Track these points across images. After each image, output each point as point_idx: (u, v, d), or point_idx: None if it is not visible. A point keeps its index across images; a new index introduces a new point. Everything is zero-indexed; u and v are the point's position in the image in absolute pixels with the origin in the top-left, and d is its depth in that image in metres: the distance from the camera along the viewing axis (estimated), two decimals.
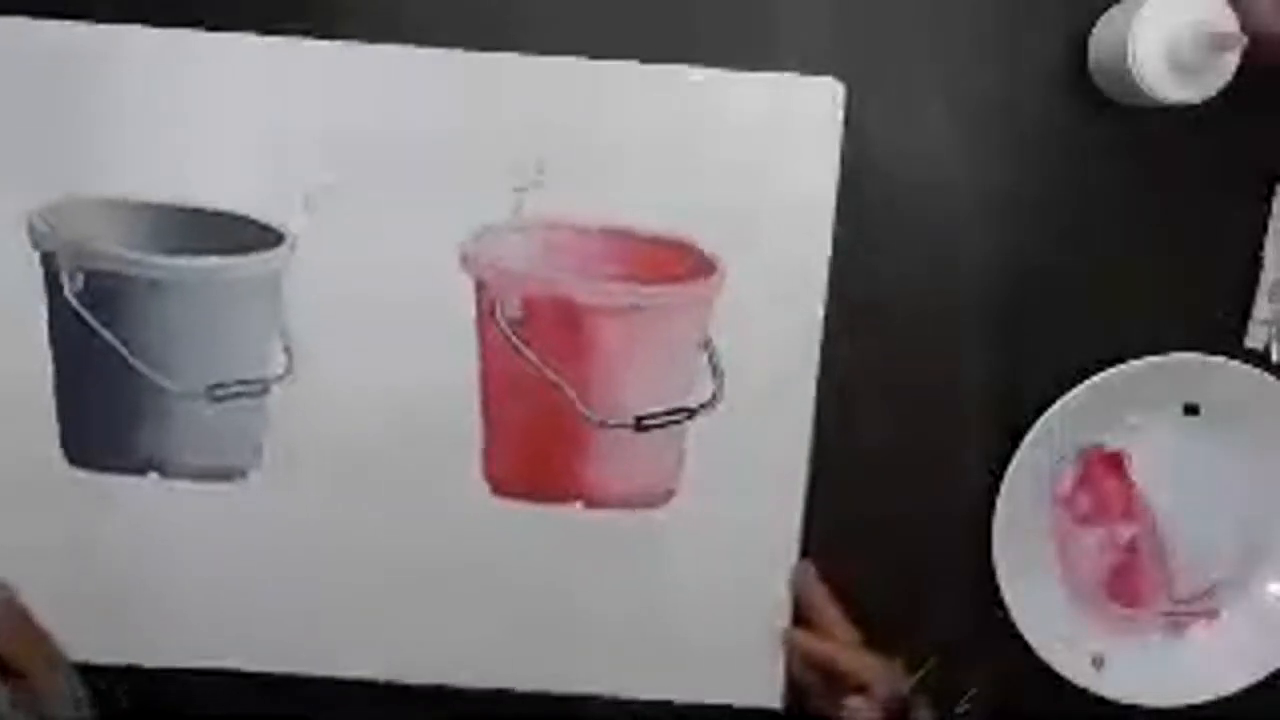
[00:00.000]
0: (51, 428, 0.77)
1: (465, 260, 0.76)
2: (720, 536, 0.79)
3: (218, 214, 0.76)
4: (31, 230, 0.75)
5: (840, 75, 0.76)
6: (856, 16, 0.77)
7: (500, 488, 0.78)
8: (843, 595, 0.77)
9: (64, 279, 0.75)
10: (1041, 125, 0.79)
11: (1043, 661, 0.80)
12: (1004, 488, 0.78)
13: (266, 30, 0.75)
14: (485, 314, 0.76)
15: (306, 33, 0.76)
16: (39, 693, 0.71)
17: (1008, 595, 0.79)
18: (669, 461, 0.79)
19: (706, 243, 0.77)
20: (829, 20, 0.77)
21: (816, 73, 0.76)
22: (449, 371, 0.77)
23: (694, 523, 0.79)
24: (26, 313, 0.76)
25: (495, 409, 0.78)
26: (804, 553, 0.79)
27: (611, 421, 0.77)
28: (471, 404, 0.77)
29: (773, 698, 0.79)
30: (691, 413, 0.78)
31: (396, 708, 0.79)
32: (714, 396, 0.78)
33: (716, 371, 0.77)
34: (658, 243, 0.77)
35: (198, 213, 0.76)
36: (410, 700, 0.79)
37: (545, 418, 0.77)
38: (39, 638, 0.74)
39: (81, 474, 0.78)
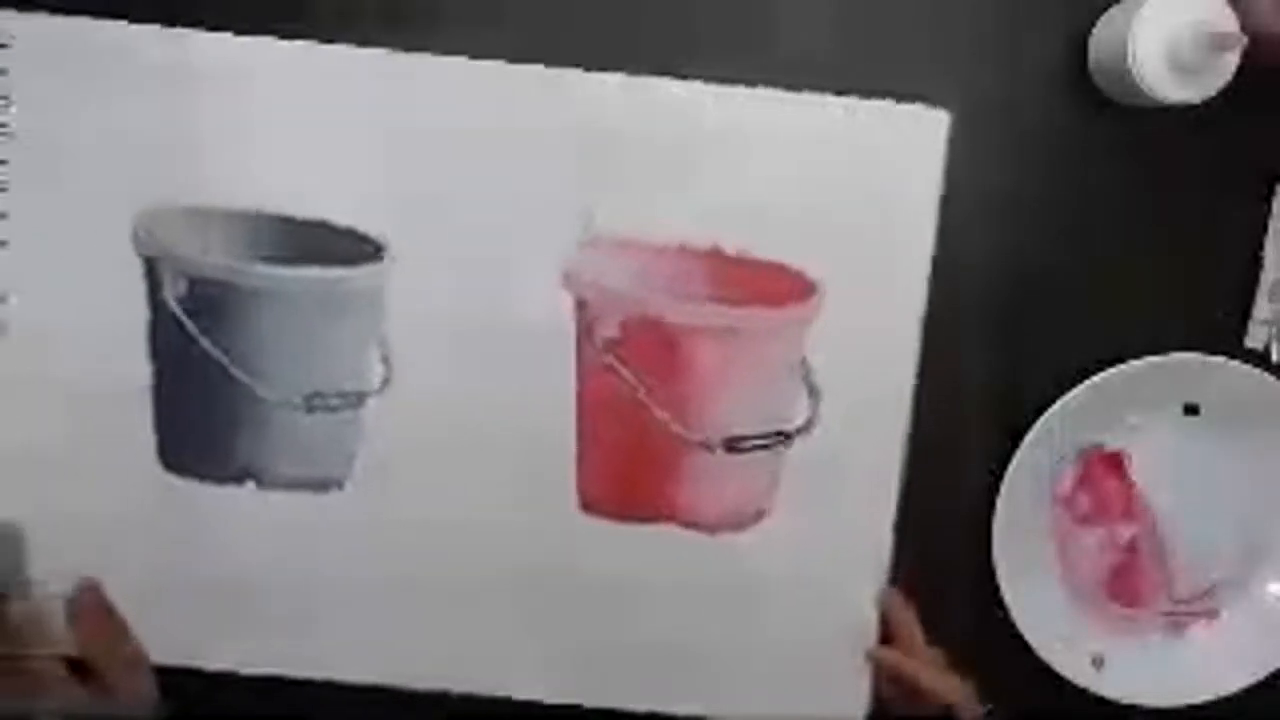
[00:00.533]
0: (149, 434, 0.77)
1: (568, 278, 0.75)
2: (810, 554, 0.78)
3: (318, 224, 0.75)
4: (135, 236, 0.75)
5: (840, 75, 0.76)
6: (856, 17, 0.77)
7: (592, 505, 0.78)
8: None
9: (167, 285, 0.75)
10: (1041, 125, 0.78)
11: (1043, 661, 0.80)
12: (1004, 488, 0.78)
13: (371, 44, 0.75)
14: (584, 332, 0.76)
15: (414, 48, 0.75)
16: (115, 693, 0.71)
17: (1008, 595, 0.79)
18: (762, 483, 0.78)
19: (808, 266, 0.76)
20: (829, 20, 0.77)
21: (817, 72, 0.76)
22: (545, 387, 0.76)
23: (784, 542, 0.78)
24: (128, 318, 0.76)
25: (590, 427, 0.77)
26: (894, 565, 0.78)
27: (706, 443, 0.77)
28: (567, 420, 0.77)
29: (856, 714, 0.79)
30: (788, 437, 0.77)
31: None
32: (810, 419, 0.77)
33: (812, 391, 0.77)
34: (757, 265, 0.76)
35: (299, 223, 0.75)
36: (486, 710, 0.78)
37: (640, 437, 0.77)
38: (122, 636, 0.75)
39: (177, 481, 0.77)
